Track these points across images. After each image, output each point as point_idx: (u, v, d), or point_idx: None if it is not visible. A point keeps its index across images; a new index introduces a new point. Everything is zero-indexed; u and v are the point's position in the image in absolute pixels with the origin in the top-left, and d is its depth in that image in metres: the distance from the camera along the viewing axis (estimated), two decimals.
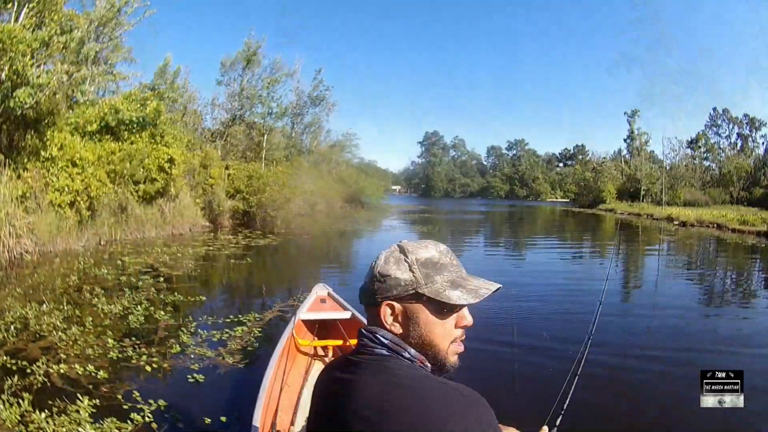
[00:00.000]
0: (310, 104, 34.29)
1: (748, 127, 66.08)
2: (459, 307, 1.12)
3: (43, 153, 12.33)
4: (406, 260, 1.12)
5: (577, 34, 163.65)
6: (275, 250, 14.52)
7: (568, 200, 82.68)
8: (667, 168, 58.82)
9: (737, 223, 28.02)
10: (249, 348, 5.12)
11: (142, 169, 15.08)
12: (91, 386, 4.05)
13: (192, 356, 4.81)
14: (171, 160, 15.80)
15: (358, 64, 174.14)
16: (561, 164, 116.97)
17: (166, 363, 4.58)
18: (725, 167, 61.77)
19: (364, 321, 4.06)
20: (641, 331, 6.85)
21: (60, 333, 5.38)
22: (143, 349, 4.96)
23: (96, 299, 7.04)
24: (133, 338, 5.31)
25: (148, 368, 4.46)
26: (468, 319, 1.15)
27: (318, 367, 4.41)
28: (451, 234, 24.51)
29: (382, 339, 1.12)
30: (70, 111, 15.34)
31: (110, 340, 5.16)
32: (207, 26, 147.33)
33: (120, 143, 15.08)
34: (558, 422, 2.17)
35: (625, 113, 70.72)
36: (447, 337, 1.13)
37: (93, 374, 4.26)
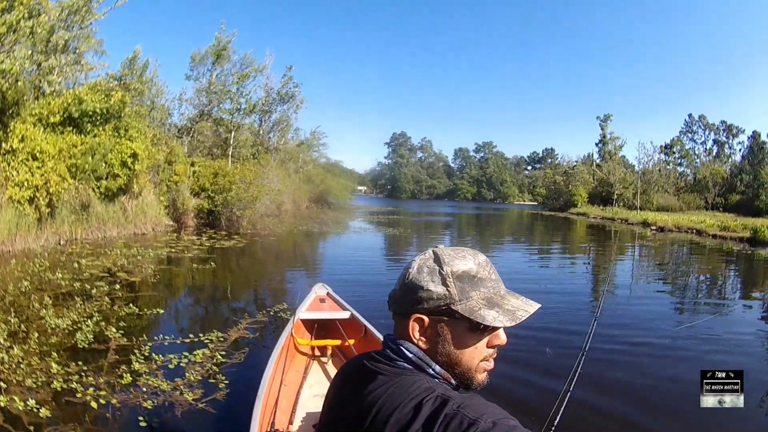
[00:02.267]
0: (278, 101, 33.86)
1: (725, 134, 67.56)
2: (494, 327, 1.05)
3: (4, 145, 11.75)
4: (441, 272, 1.05)
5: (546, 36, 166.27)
6: (241, 253, 14.12)
7: (536, 203, 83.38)
8: (639, 173, 59.14)
9: (718, 229, 28.07)
10: (211, 380, 4.73)
11: (104, 164, 14.48)
12: (32, 428, 3.69)
13: (144, 389, 4.42)
14: (134, 155, 15.24)
15: (323, 61, 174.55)
16: (530, 167, 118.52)
17: (115, 398, 4.20)
18: (700, 173, 62.91)
19: (364, 321, 3.99)
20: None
21: (3, 354, 4.97)
22: (90, 378, 4.57)
23: (44, 310, 6.58)
24: (80, 362, 4.90)
25: (95, 404, 4.07)
26: (502, 337, 1.10)
27: (316, 367, 4.39)
28: (418, 237, 24.48)
29: (406, 353, 1.07)
30: (36, 101, 14.68)
31: (54, 365, 4.74)
32: (178, 19, 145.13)
33: (82, 136, 14.46)
34: None
35: (597, 117, 72.04)
36: (477, 356, 1.08)
37: (35, 411, 3.89)
